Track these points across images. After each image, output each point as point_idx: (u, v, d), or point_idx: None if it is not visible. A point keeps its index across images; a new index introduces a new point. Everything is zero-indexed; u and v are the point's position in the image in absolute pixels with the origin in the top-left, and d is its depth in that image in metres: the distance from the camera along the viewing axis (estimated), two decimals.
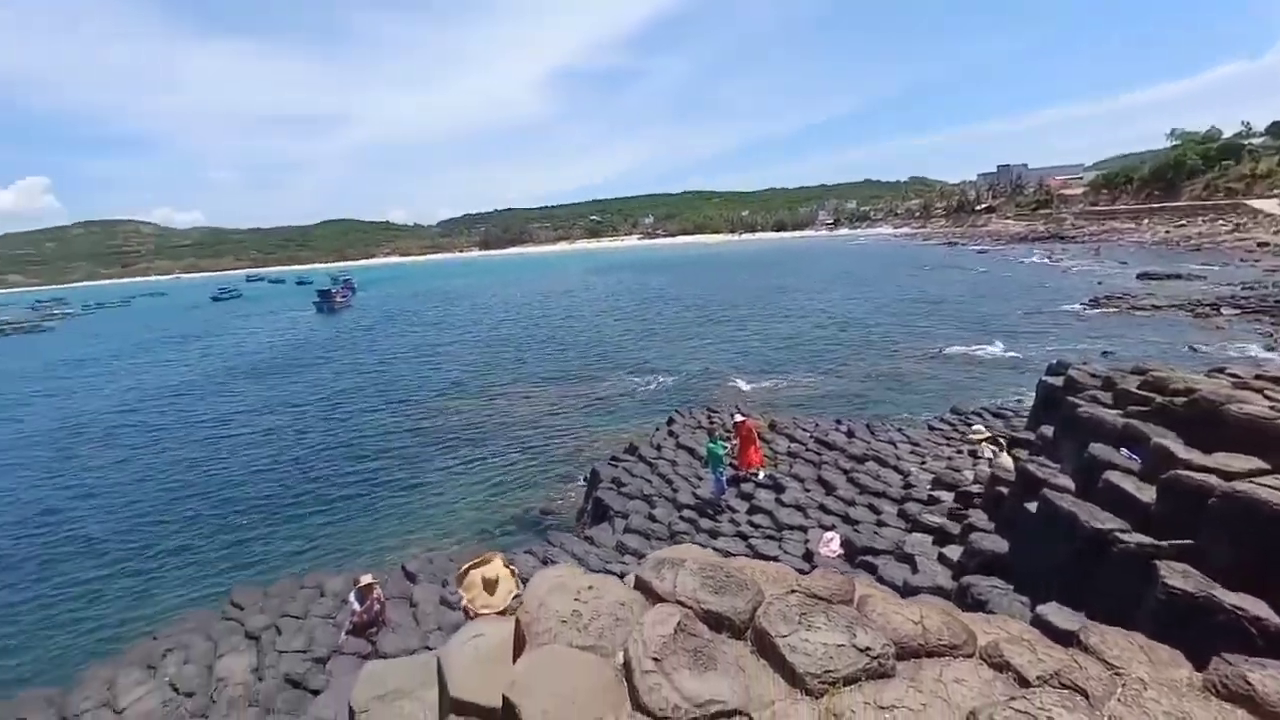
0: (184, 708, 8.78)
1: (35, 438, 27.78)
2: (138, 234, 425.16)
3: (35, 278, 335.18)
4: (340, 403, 29.32)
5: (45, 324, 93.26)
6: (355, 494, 18.25)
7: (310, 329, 62.12)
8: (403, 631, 10.16)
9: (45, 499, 20.00)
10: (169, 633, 10.97)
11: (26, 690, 10.05)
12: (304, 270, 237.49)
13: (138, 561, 15.31)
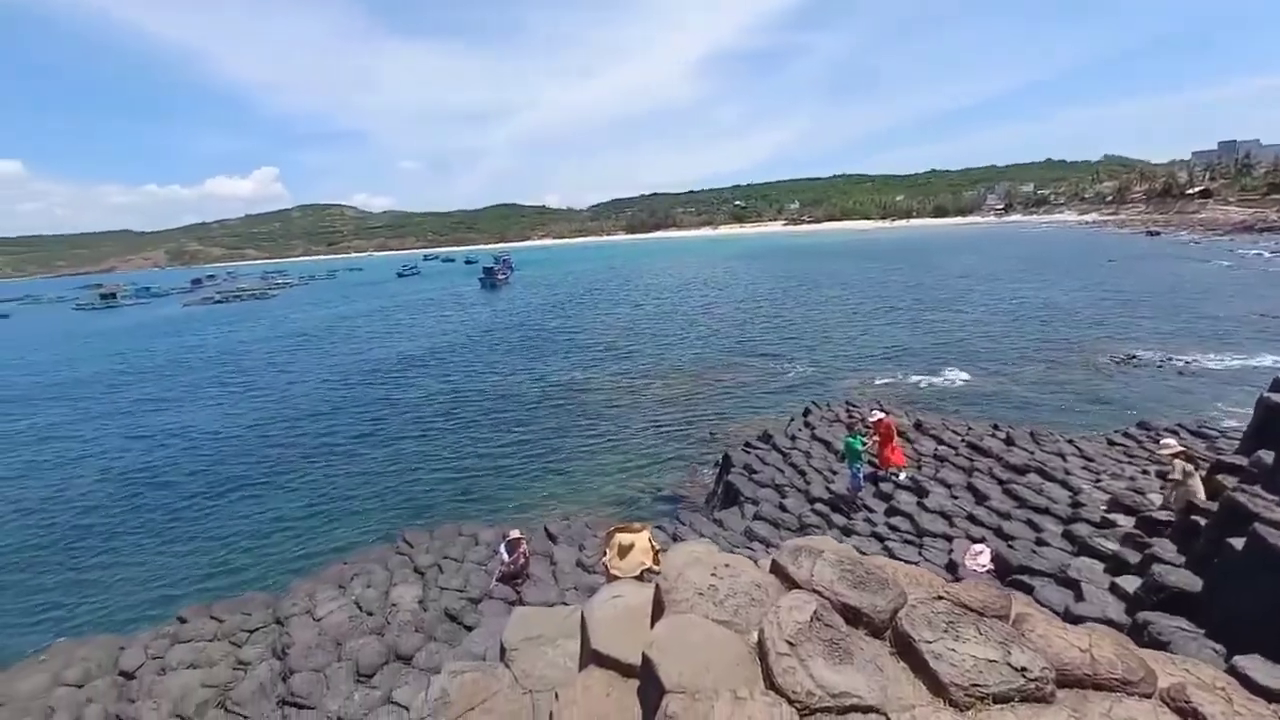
0: (365, 624, 10.06)
1: (261, 385, 32.90)
2: (342, 216, 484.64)
3: (266, 253, 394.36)
4: (496, 370, 31.64)
5: (271, 292, 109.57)
6: (506, 456, 19.68)
7: (475, 302, 67.65)
8: (543, 585, 10.87)
9: (263, 434, 23.66)
10: (356, 560, 12.60)
11: (250, 592, 12.04)
12: (471, 250, 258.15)
13: (330, 498, 17.67)
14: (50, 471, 21.83)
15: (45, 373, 42.89)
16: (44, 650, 10.50)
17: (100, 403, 32.04)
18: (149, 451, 23.07)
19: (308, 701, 8.51)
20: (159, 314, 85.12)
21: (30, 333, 73.90)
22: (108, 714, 8.62)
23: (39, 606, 13.18)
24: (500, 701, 3.97)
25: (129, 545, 15.63)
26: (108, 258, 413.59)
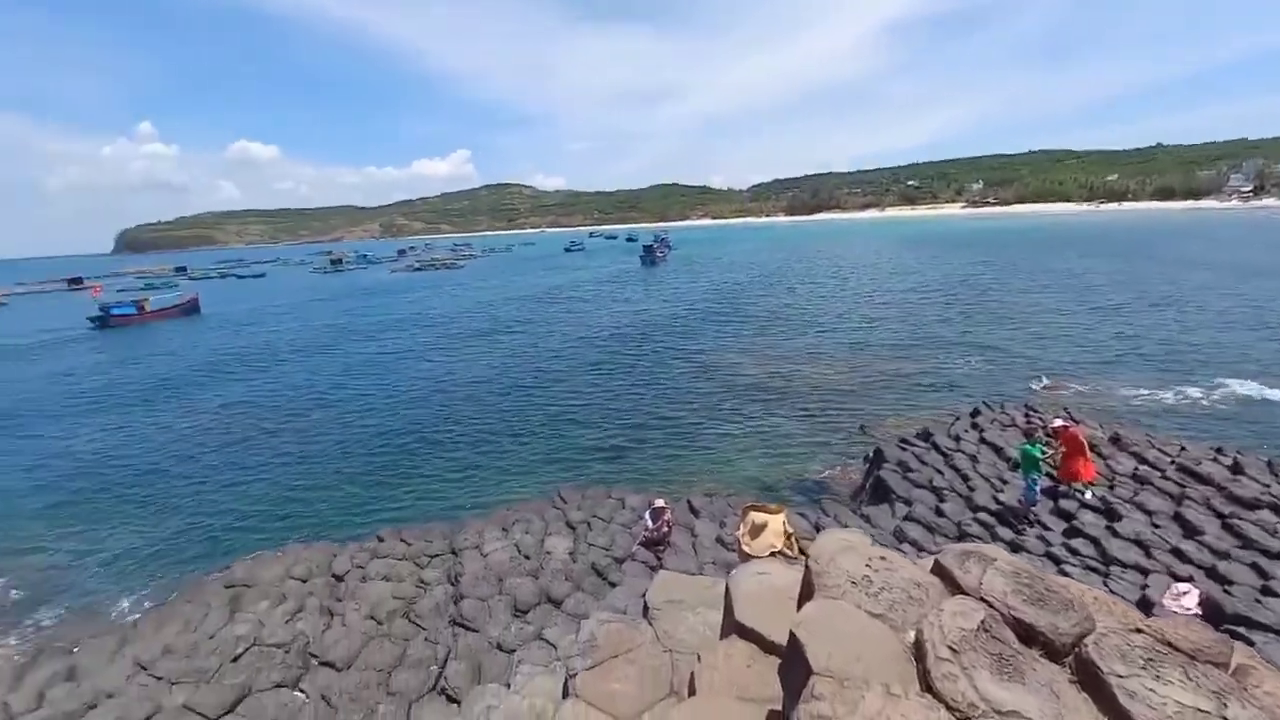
0: (523, 566, 10.97)
1: (443, 340, 36.68)
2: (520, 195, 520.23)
3: (456, 227, 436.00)
4: (650, 345, 32.43)
5: (459, 262, 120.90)
6: (655, 429, 20.19)
7: (634, 278, 69.60)
8: (682, 555, 11.09)
9: (442, 387, 26.40)
10: (517, 508, 13.73)
11: (432, 523, 13.60)
12: (632, 228, 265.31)
13: (498, 451, 19.32)
14: (276, 401, 26.11)
15: (292, 320, 51.27)
16: (281, 548, 12.68)
17: (321, 346, 37.68)
18: (361, 394, 26.71)
19: (473, 625, 9.49)
20: (373, 277, 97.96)
21: (281, 288, 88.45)
22: (322, 607, 10.26)
23: (282, 514, 15.92)
24: (643, 654, 4.15)
25: (340, 471, 18.32)
26: (337, 229, 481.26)
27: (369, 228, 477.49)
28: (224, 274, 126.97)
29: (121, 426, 24.07)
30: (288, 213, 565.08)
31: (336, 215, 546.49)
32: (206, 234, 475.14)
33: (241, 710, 7.99)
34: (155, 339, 46.65)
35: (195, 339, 45.07)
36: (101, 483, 18.36)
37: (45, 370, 36.58)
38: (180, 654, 9.00)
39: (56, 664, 9.24)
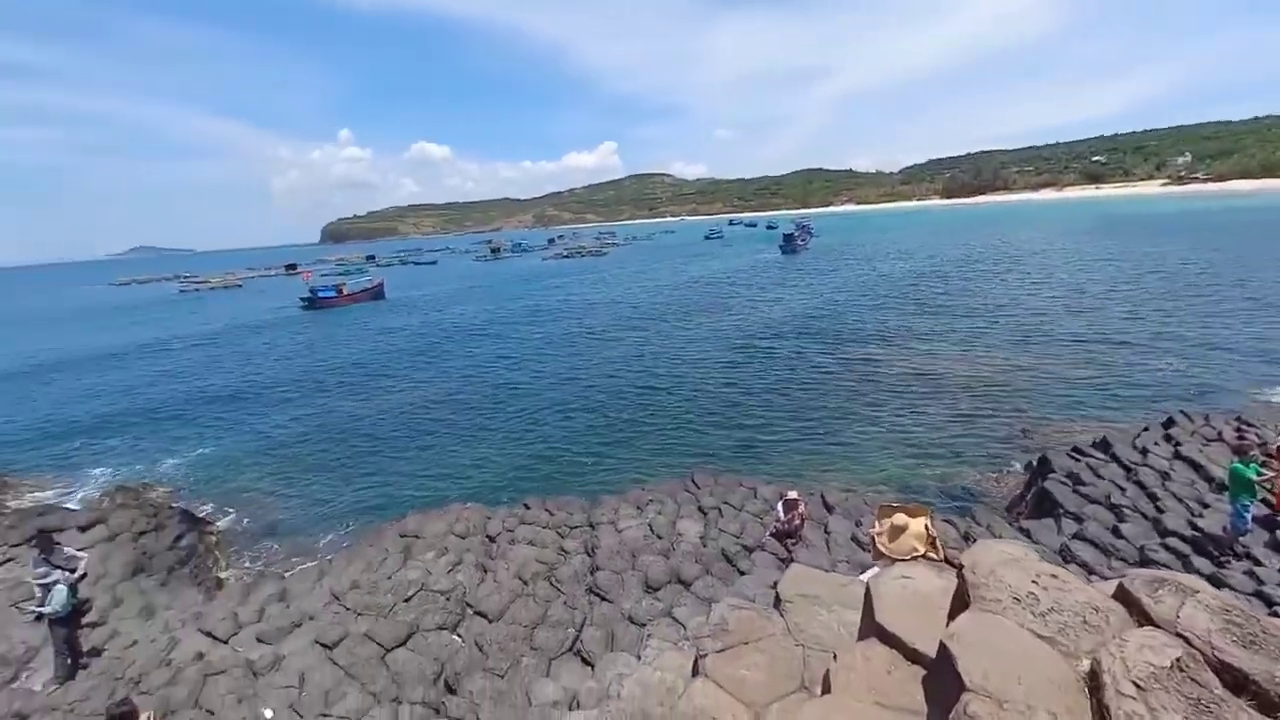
0: (655, 545, 11.25)
1: (585, 326, 38.25)
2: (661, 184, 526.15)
3: (601, 217, 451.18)
4: (789, 333, 31.52)
5: (604, 250, 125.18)
6: (792, 419, 19.66)
7: (774, 266, 67.87)
8: (814, 550, 10.76)
9: (584, 366, 27.57)
10: (651, 489, 14.08)
11: (572, 496, 14.33)
12: (773, 215, 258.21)
13: (635, 432, 19.86)
14: (442, 377, 28.71)
15: (457, 303, 56.21)
16: (444, 507, 14.04)
17: (479, 328, 40.89)
18: (511, 374, 28.71)
19: (607, 596, 9.91)
20: (526, 264, 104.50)
21: (449, 274, 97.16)
22: (478, 563, 11.24)
23: (446, 477, 17.63)
24: (773, 645, 4.10)
25: (494, 443, 19.87)
26: (496, 220, 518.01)
27: (523, 218, 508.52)
28: (403, 261, 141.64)
29: (323, 395, 27.85)
30: (456, 206, 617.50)
31: (496, 207, 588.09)
32: (391, 226, 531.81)
33: (410, 645, 9.00)
34: (350, 318, 53.32)
35: (380, 319, 50.91)
36: (309, 442, 21.41)
37: (267, 343, 43.25)
38: (364, 589, 10.32)
39: (272, 587, 10.99)
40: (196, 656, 8.85)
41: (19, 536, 12.90)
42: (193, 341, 46.07)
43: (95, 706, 7.89)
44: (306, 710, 7.73)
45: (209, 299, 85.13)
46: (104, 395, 30.24)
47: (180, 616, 10.21)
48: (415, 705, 7.85)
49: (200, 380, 32.22)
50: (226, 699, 7.97)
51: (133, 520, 13.50)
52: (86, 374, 36.04)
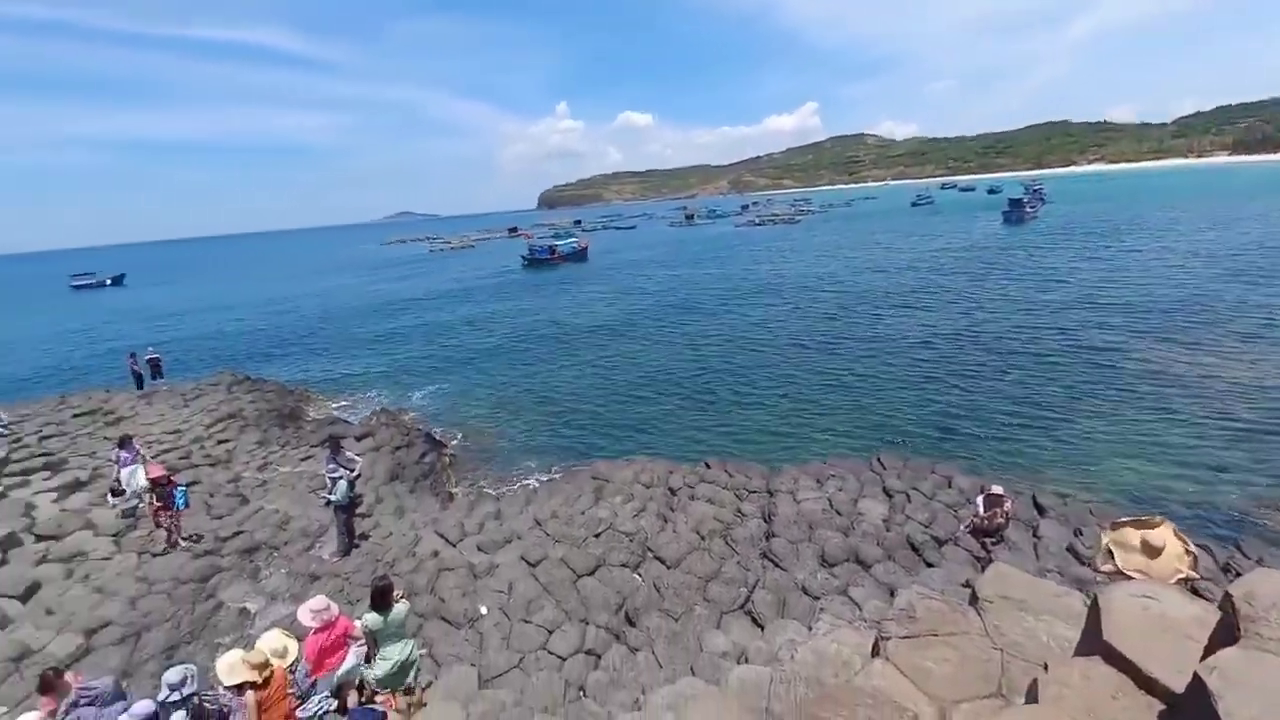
0: (834, 521, 10.93)
1: (771, 293, 37.35)
2: (864, 145, 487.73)
3: (799, 182, 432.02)
4: (1001, 312, 27.82)
5: (797, 218, 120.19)
6: (999, 406, 17.54)
7: (990, 239, 59.54)
8: (1018, 554, 9.64)
9: (771, 340, 27.05)
10: (833, 464, 13.60)
11: (752, 462, 14.39)
12: (996, 179, 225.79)
13: (820, 406, 19.19)
14: (635, 332, 30.06)
15: (652, 266, 58.42)
16: (631, 458, 14.97)
17: (668, 290, 42.02)
18: (697, 336, 29.23)
19: (781, 563, 9.90)
20: (718, 230, 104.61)
21: (645, 239, 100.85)
22: (659, 512, 11.87)
23: (635, 429, 18.74)
24: (966, 643, 3.83)
25: (681, 401, 20.54)
26: (692, 187, 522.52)
27: (719, 185, 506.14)
28: (605, 226, 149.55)
29: (536, 344, 30.93)
30: (655, 173, 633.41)
31: (693, 174, 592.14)
32: (596, 193, 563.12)
33: (597, 576, 9.87)
34: (560, 276, 58.59)
35: (585, 278, 55.01)
36: (523, 384, 24.04)
37: (493, 295, 48.96)
38: (561, 520, 11.49)
39: (490, 506, 12.70)
40: (433, 553, 10.61)
41: (316, 440, 16.37)
42: (437, 292, 53.92)
43: (363, 579, 9.87)
44: (512, 613, 8.90)
45: (451, 257, 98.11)
46: (375, 333, 36.76)
47: (422, 519, 12.27)
48: (599, 629, 8.64)
49: (441, 325, 37.66)
50: (453, 592, 9.47)
51: (392, 437, 16.41)
52: (363, 315, 44.04)
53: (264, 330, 41.51)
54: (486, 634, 8.47)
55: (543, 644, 8.23)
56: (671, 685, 5.24)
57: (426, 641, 8.27)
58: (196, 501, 12.23)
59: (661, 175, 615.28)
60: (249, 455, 15.64)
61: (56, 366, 33.09)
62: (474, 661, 7.84)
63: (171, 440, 15.84)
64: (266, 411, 19.10)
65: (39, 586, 9.65)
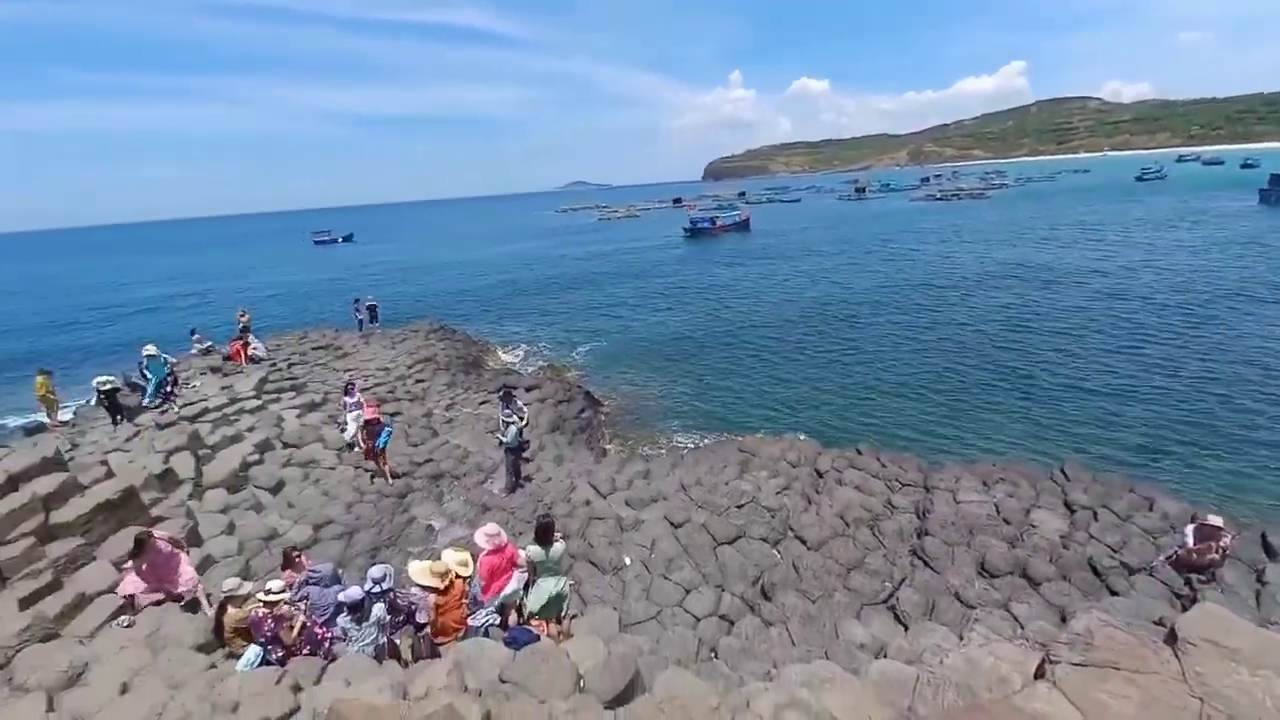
0: (1000, 530, 9.95)
1: (947, 276, 33.92)
2: (1081, 110, 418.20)
3: (991, 152, 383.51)
4: (1243, 314, 22.80)
5: (987, 193, 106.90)
6: (1228, 426, 14.62)
7: (1241, 220, 48.30)
8: (1235, 600, 8.10)
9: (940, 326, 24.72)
10: (1005, 466, 12.30)
11: (907, 454, 13.47)
12: (1256, 149, 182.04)
13: (996, 399, 17.32)
14: (787, 307, 29.07)
15: (814, 241, 56.02)
16: (779, 436, 14.76)
17: (831, 267, 39.92)
18: (856, 317, 27.61)
19: (933, 564, 9.27)
20: (891, 205, 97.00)
21: (809, 213, 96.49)
22: (804, 492, 11.64)
23: (788, 406, 18.39)
24: (1156, 684, 3.36)
25: (834, 382, 19.70)
26: (866, 157, 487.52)
27: (896, 155, 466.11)
28: (770, 199, 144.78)
29: (691, 313, 31.31)
30: (827, 144, 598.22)
31: (867, 144, 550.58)
32: (763, 164, 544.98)
33: (736, 546, 9.98)
34: (720, 247, 58.77)
35: (745, 250, 54.46)
36: (679, 350, 24.60)
37: (655, 262, 50.15)
38: (705, 488, 11.71)
39: (639, 465, 13.29)
40: (585, 502, 11.39)
41: (492, 387, 18.13)
42: (602, 258, 56.54)
43: (525, 515, 10.90)
44: (653, 568, 9.34)
45: (618, 226, 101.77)
46: (545, 295, 39.57)
47: (578, 469, 13.19)
48: (735, 597, 8.78)
49: (603, 289, 39.50)
50: (601, 539, 10.13)
51: (555, 391, 17.71)
52: (535, 277, 47.56)
53: (453, 286, 46.56)
54: (628, 583, 8.99)
55: (679, 601, 8.57)
56: (806, 664, 5.22)
57: (575, 580, 8.97)
58: (398, 430, 14.22)
59: (834, 146, 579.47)
60: (439, 394, 17.79)
61: (302, 306, 39.86)
62: (615, 606, 8.38)
63: (381, 376, 18.45)
64: (455, 358, 21.50)
65: (284, 484, 11.90)
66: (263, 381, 16.26)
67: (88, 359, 27.85)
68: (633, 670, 4.82)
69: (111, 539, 8.01)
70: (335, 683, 5.15)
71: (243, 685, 4.93)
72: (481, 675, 4.78)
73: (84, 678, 5.76)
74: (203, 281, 60.00)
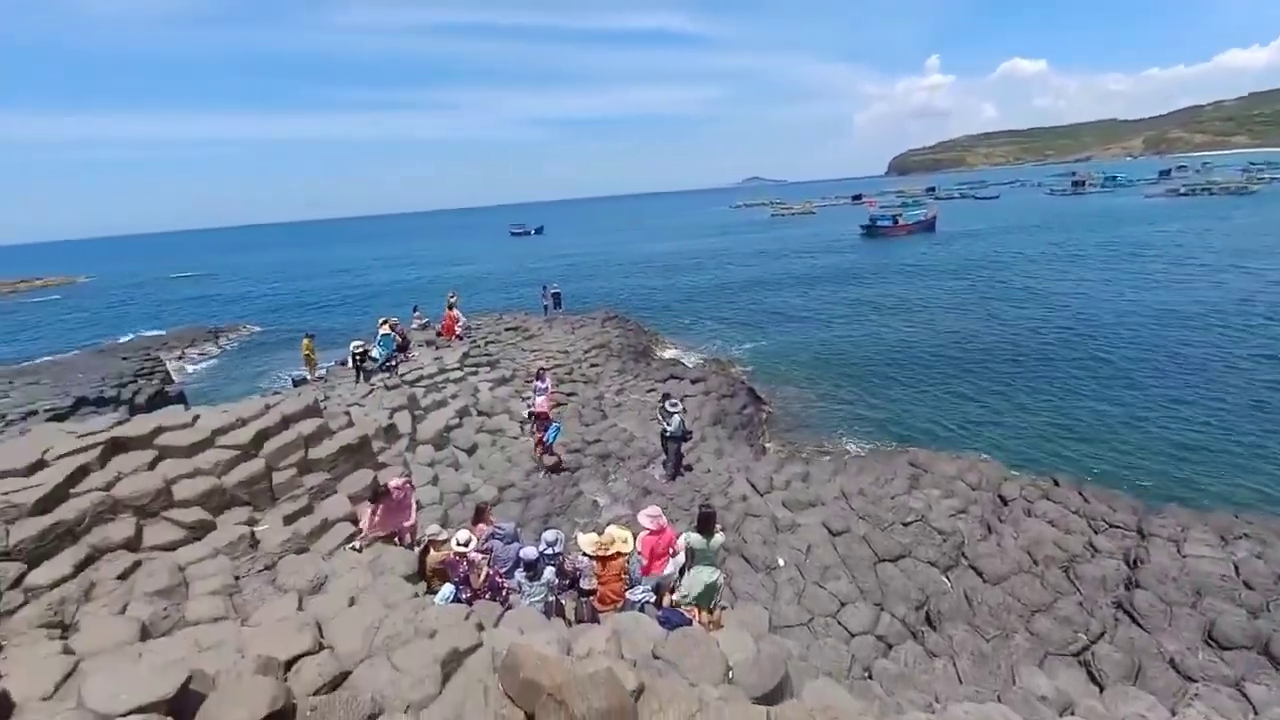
0: (1238, 594, 8.14)
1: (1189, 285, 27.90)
2: None
3: (1258, 140, 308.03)
4: None
5: (1250, 187, 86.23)
6: None
7: None
8: None
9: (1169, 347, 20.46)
10: (1252, 519, 9.99)
11: (1117, 491, 11.47)
12: None
13: (1236, 440, 14.07)
14: (980, 318, 25.95)
15: (1012, 244, 49.59)
16: (959, 453, 13.40)
17: (1029, 275, 34.87)
18: (1065, 329, 23.92)
19: (1143, 622, 7.86)
20: (1119, 202, 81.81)
21: (1010, 210, 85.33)
22: (983, 518, 10.47)
23: (967, 422, 16.66)
24: None
25: (1027, 401, 17.34)
26: (1088, 146, 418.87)
27: (1128, 144, 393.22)
28: (963, 195, 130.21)
29: (863, 315, 29.53)
30: (1037, 132, 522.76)
31: (1089, 131, 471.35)
32: (959, 157, 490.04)
33: (900, 565, 9.28)
34: (901, 248, 54.15)
35: (929, 252, 49.71)
36: (845, 354, 23.39)
37: (826, 264, 47.94)
38: (869, 499, 11.04)
39: (798, 467, 12.90)
40: (742, 497, 11.34)
41: (659, 376, 18.71)
42: (774, 256, 55.36)
43: (683, 503, 11.14)
44: (807, 573, 9.04)
45: (790, 223, 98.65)
46: (712, 289, 39.76)
47: (736, 465, 13.15)
48: (895, 619, 8.20)
49: (769, 287, 38.65)
50: (755, 536, 10.03)
51: (719, 385, 17.79)
52: (705, 272, 47.93)
53: (627, 277, 48.65)
54: (780, 584, 8.82)
55: (833, 612, 8.22)
56: (978, 705, 4.73)
57: (728, 573, 9.00)
58: (571, 410, 15.29)
59: (1045, 134, 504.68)
60: (611, 379, 18.78)
61: (498, 291, 44.28)
62: (766, 605, 8.27)
63: (561, 358, 19.92)
64: (626, 346, 22.52)
65: (476, 447, 13.40)
66: (465, 356, 18.41)
67: (334, 329, 33.52)
68: (782, 671, 4.75)
69: (349, 477, 9.64)
70: (510, 629, 5.74)
71: (439, 616, 5.68)
72: (637, 647, 5.02)
73: (324, 587, 7.05)
74: (418, 269, 69.15)
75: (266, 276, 74.56)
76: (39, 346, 35.00)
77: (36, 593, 6.08)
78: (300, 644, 4.82)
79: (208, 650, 5.13)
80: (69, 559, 6.51)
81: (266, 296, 54.82)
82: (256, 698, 3.62)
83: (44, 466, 7.27)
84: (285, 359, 26.67)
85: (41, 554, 6.44)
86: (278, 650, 4.62)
